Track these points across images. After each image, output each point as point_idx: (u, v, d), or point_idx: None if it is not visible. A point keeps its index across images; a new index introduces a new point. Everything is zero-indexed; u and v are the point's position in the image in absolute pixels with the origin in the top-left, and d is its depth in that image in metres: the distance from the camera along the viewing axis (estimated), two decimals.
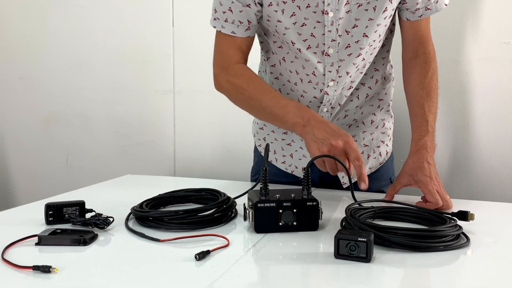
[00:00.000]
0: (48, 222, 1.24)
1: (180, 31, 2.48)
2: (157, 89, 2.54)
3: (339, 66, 1.47)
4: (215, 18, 1.51)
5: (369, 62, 1.53)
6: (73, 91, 2.71)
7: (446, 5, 1.52)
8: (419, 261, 1.02)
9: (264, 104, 1.45)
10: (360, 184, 1.30)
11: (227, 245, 1.09)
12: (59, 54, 2.71)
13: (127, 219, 1.27)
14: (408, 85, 1.56)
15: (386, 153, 1.67)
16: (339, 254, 1.01)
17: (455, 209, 1.27)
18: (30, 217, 1.30)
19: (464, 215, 1.22)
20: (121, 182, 1.84)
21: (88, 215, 1.26)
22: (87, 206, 1.28)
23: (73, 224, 1.23)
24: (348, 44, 1.45)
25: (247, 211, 1.20)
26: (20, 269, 0.96)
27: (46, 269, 0.94)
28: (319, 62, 1.47)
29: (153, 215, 1.24)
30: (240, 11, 1.45)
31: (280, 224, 1.18)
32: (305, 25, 1.43)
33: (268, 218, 1.17)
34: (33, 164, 2.85)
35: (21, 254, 1.05)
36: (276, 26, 1.45)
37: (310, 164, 1.22)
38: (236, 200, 1.36)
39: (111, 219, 1.22)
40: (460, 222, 1.16)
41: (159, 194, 1.40)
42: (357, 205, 1.26)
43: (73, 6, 2.64)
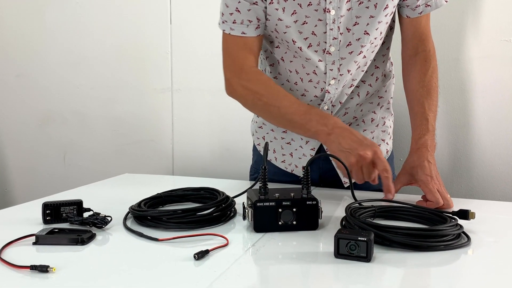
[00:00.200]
0: (45, 222, 1.24)
1: (178, 29, 2.47)
2: (155, 87, 2.54)
3: (340, 64, 1.47)
4: (223, 21, 1.48)
5: (370, 59, 1.53)
6: (70, 89, 2.71)
7: (446, 1, 1.52)
8: (419, 260, 1.02)
9: (283, 111, 1.43)
10: (387, 195, 1.32)
11: (226, 245, 1.09)
12: (56, 51, 2.70)
13: (125, 218, 1.27)
14: (408, 83, 1.57)
15: (387, 152, 1.67)
16: (339, 254, 1.01)
17: (455, 208, 1.27)
18: (27, 216, 1.30)
19: (465, 214, 1.22)
20: (119, 181, 1.83)
21: (86, 214, 1.26)
22: (85, 205, 1.28)
23: (70, 224, 1.22)
24: (349, 42, 1.45)
25: (246, 210, 1.20)
26: (18, 268, 0.96)
27: (43, 269, 0.94)
28: (320, 61, 1.47)
29: (152, 214, 1.24)
30: (248, 10, 1.44)
31: (280, 223, 1.18)
32: (306, 23, 1.42)
33: (267, 217, 1.17)
34: (30, 162, 2.84)
35: (18, 253, 1.05)
36: (276, 24, 1.45)
37: (310, 163, 1.22)
38: (235, 199, 1.36)
39: (109, 218, 1.22)
40: (460, 221, 1.16)
41: (158, 193, 1.40)
42: (357, 204, 1.26)
43: (70, 3, 2.64)
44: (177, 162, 2.55)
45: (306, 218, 1.18)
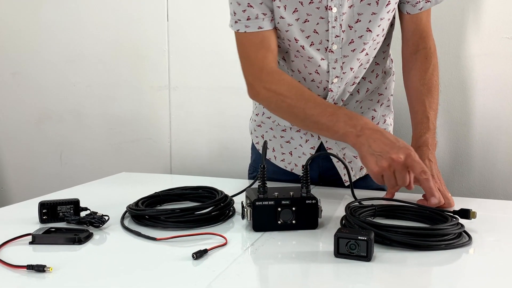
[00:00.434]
0: (42, 221, 1.24)
1: (175, 26, 2.47)
2: (152, 85, 2.54)
3: (343, 62, 1.47)
4: (236, 21, 1.45)
5: (372, 56, 1.53)
6: (66, 87, 2.70)
7: None
8: (420, 260, 1.02)
9: (309, 112, 1.37)
10: (430, 199, 1.24)
11: (225, 244, 1.09)
12: (52, 49, 2.70)
13: (123, 218, 1.27)
14: (408, 81, 1.57)
15: None
16: (339, 253, 1.01)
17: (456, 207, 1.27)
18: (24, 216, 1.30)
19: (466, 213, 1.22)
20: (116, 180, 1.83)
21: (83, 214, 1.26)
22: (82, 204, 1.28)
23: (67, 223, 1.22)
24: (352, 39, 1.45)
25: (245, 209, 1.20)
26: (14, 268, 0.96)
27: (40, 269, 0.94)
28: (323, 59, 1.47)
29: (149, 214, 1.24)
30: (260, 3, 1.42)
31: (279, 222, 1.18)
32: (307, 21, 1.42)
33: (266, 217, 1.17)
34: (26, 161, 2.84)
35: (14, 253, 1.05)
36: (278, 23, 1.44)
37: (309, 161, 1.22)
38: (233, 198, 1.36)
39: (106, 218, 1.22)
40: (461, 221, 1.16)
41: (155, 192, 1.40)
42: (357, 203, 1.26)
43: (66, 1, 2.64)
44: (175, 161, 2.55)
45: (306, 217, 1.18)
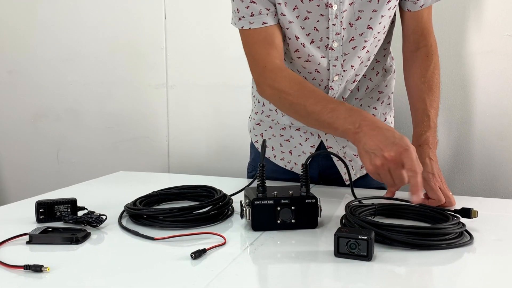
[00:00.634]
0: (39, 220, 1.24)
1: (173, 24, 2.47)
2: (149, 83, 2.54)
3: (344, 60, 1.47)
4: (239, 18, 1.45)
5: (373, 54, 1.53)
6: (63, 85, 2.70)
7: None
8: (421, 259, 1.02)
9: (310, 109, 1.35)
10: (412, 196, 1.18)
11: (224, 244, 1.09)
12: (49, 47, 2.70)
13: (121, 217, 1.27)
14: (409, 78, 1.56)
15: None
16: (339, 253, 1.01)
17: (458, 206, 1.28)
18: (21, 215, 1.30)
19: (467, 212, 1.22)
20: (113, 179, 1.83)
21: (80, 213, 1.26)
22: (79, 204, 1.28)
23: (64, 222, 1.22)
24: (352, 37, 1.44)
25: (244, 209, 1.20)
26: (11, 268, 0.96)
27: (37, 269, 0.94)
28: (323, 57, 1.47)
29: (147, 213, 1.24)
30: None
31: (278, 222, 1.18)
32: (308, 18, 1.42)
33: (265, 216, 1.17)
34: (23, 160, 2.84)
35: (11, 253, 1.05)
36: (279, 20, 1.44)
37: (308, 160, 1.22)
38: (232, 197, 1.36)
39: (104, 217, 1.22)
40: (463, 220, 1.16)
41: (153, 191, 1.40)
42: (357, 202, 1.26)
43: None
44: (173, 160, 2.55)
45: (305, 217, 1.18)
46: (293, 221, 1.18)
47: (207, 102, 2.46)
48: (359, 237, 1.00)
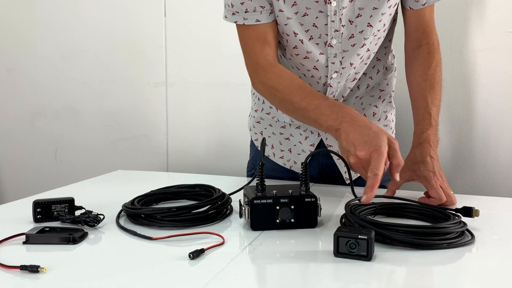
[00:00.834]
0: (36, 220, 1.24)
1: (173, 21, 2.46)
2: (149, 81, 2.53)
3: (342, 57, 1.47)
4: (233, 12, 1.45)
5: (373, 52, 1.52)
6: (62, 83, 2.70)
7: None
8: (422, 259, 1.02)
9: (297, 106, 1.40)
10: (363, 195, 1.20)
11: (222, 243, 1.09)
12: (47, 45, 2.69)
13: (118, 217, 1.27)
14: (410, 76, 1.56)
15: None
16: (339, 252, 1.01)
17: (459, 205, 1.27)
18: (17, 215, 1.30)
19: (468, 211, 1.22)
20: (112, 178, 1.83)
21: (77, 213, 1.26)
22: (77, 203, 1.28)
23: (62, 222, 1.22)
24: (352, 34, 1.44)
25: (243, 208, 1.20)
26: (7, 269, 0.96)
27: (34, 269, 0.94)
28: (322, 54, 1.47)
29: (145, 212, 1.24)
30: None
31: (277, 221, 1.18)
32: (306, 15, 1.42)
33: (264, 215, 1.17)
34: (20, 159, 2.84)
35: (8, 253, 1.04)
36: (277, 16, 1.44)
37: (308, 159, 1.21)
38: (231, 196, 1.36)
39: (101, 217, 1.22)
40: (464, 219, 1.16)
41: (151, 191, 1.40)
42: (357, 201, 1.26)
43: None
44: (172, 158, 2.55)
45: (305, 216, 1.18)
46: (292, 220, 1.18)
47: (207, 100, 2.46)
48: (359, 236, 0.99)
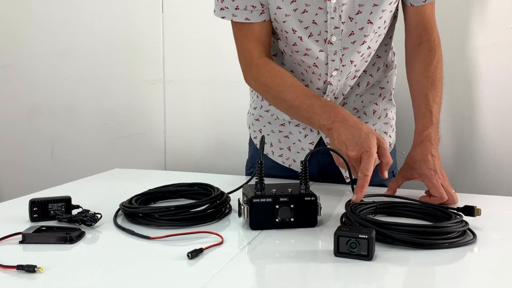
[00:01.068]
0: (32, 219, 1.24)
1: (170, 18, 2.46)
2: (146, 78, 2.53)
3: (342, 55, 1.47)
4: (222, 8, 1.47)
5: (374, 49, 1.52)
6: (58, 80, 2.70)
7: None
8: (423, 259, 1.02)
9: (289, 104, 1.45)
10: (353, 195, 1.24)
11: (221, 243, 1.09)
12: (44, 41, 2.69)
13: (116, 216, 1.27)
14: (411, 73, 1.56)
15: (389, 145, 1.66)
16: (339, 252, 1.01)
17: (460, 204, 1.27)
18: (14, 214, 1.30)
19: (470, 210, 1.21)
20: (109, 177, 1.83)
21: (74, 212, 1.26)
22: (74, 202, 1.28)
23: (59, 221, 1.22)
24: (352, 31, 1.44)
25: (242, 207, 1.20)
26: (3, 269, 0.96)
27: (30, 269, 0.94)
28: (321, 51, 1.47)
29: (143, 211, 1.24)
30: None
31: (277, 220, 1.17)
32: (306, 11, 1.42)
33: (264, 214, 1.17)
34: (17, 157, 2.84)
35: (4, 253, 1.04)
36: (275, 14, 1.44)
37: (308, 157, 1.21)
38: (230, 195, 1.36)
39: (98, 216, 1.22)
40: (466, 218, 1.16)
41: (149, 189, 1.40)
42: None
43: None
44: (170, 157, 2.55)
45: (305, 215, 1.18)
46: (292, 219, 1.18)
47: (205, 98, 2.45)
48: (360, 236, 0.99)
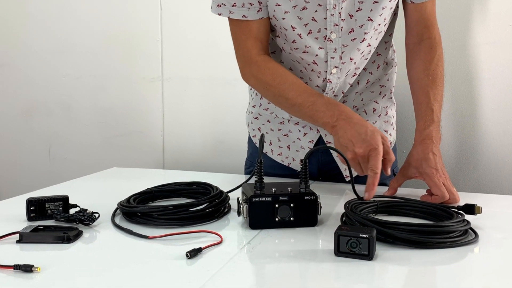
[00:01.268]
0: (29, 218, 1.24)
1: (169, 15, 2.46)
2: (144, 76, 2.53)
3: (342, 52, 1.47)
4: (219, 4, 1.47)
5: (374, 47, 1.52)
6: (55, 78, 2.69)
7: None
8: (424, 258, 1.02)
9: (292, 101, 1.45)
10: (364, 193, 1.28)
11: (220, 242, 1.09)
12: (41, 39, 2.69)
13: (114, 215, 1.27)
14: (412, 71, 1.56)
15: (390, 144, 1.66)
16: (340, 252, 1.01)
17: (462, 203, 1.27)
18: (11, 213, 1.29)
19: (471, 209, 1.22)
20: (107, 175, 1.83)
21: (72, 211, 1.26)
22: (71, 201, 1.28)
23: (56, 221, 1.22)
24: (352, 28, 1.44)
25: (241, 206, 1.20)
26: (0, 268, 0.95)
27: (28, 269, 0.94)
28: (321, 48, 1.47)
29: (141, 211, 1.24)
30: None
31: (277, 219, 1.17)
32: (305, 8, 1.42)
33: (263, 213, 1.17)
34: (13, 156, 2.83)
35: (0, 252, 1.04)
36: (274, 10, 1.44)
37: (308, 155, 1.21)
38: (229, 194, 1.36)
39: (96, 215, 1.22)
40: (467, 217, 1.16)
41: (148, 188, 1.40)
42: (358, 199, 1.26)
43: None
44: (168, 155, 2.55)
45: (305, 214, 1.18)
46: (292, 218, 1.18)
47: (204, 96, 2.45)
48: (360, 235, 0.99)
